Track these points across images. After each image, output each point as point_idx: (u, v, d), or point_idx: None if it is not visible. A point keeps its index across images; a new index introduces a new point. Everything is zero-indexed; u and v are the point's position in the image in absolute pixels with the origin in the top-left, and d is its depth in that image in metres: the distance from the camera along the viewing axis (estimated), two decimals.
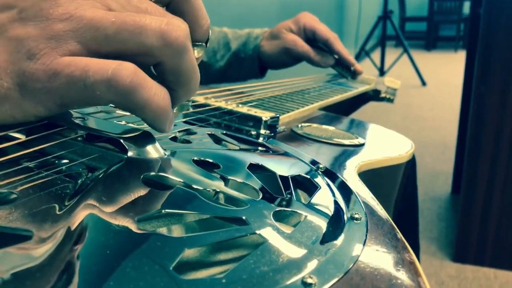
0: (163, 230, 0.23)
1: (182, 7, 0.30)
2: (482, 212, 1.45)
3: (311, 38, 0.79)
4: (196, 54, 0.31)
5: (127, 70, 0.25)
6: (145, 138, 0.28)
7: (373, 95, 0.91)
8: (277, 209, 0.25)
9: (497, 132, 1.39)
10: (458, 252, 1.50)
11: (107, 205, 0.22)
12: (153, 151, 0.28)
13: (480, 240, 1.46)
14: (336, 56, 0.82)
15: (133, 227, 0.21)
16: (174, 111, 0.30)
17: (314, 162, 0.36)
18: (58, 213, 0.22)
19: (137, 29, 0.25)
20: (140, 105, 0.26)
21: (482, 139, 1.41)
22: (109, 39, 0.25)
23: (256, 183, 0.28)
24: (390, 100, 0.94)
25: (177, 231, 0.24)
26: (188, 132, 0.38)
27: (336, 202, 0.28)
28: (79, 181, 0.25)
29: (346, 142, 0.44)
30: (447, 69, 4.67)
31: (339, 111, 0.76)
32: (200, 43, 0.32)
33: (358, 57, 3.84)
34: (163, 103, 0.26)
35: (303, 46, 0.78)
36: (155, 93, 0.26)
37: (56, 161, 0.27)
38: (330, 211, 0.27)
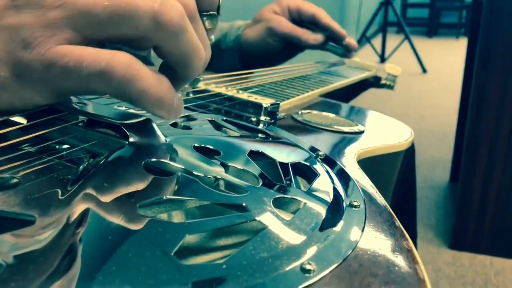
0: (164, 216, 0.23)
1: None
2: (480, 200, 1.46)
3: (297, 18, 0.75)
4: (206, 25, 0.30)
5: (120, 62, 0.24)
6: (146, 125, 0.28)
7: (374, 82, 0.91)
8: (277, 196, 0.25)
9: (496, 121, 1.39)
10: (455, 240, 1.51)
11: (109, 192, 0.22)
12: (154, 137, 0.28)
13: (477, 227, 1.47)
14: (326, 32, 0.76)
15: (134, 213, 0.21)
16: (186, 86, 0.29)
17: (313, 149, 0.36)
18: (60, 198, 0.22)
19: (129, 13, 0.25)
20: (135, 96, 0.25)
21: (481, 128, 1.41)
22: (102, 25, 0.25)
23: (256, 170, 0.28)
24: (390, 87, 0.94)
25: (178, 217, 0.24)
26: (189, 118, 0.38)
27: (335, 189, 0.29)
28: (81, 167, 0.25)
29: (346, 129, 0.44)
30: (448, 57, 4.65)
31: (339, 98, 0.76)
32: (211, 13, 0.30)
33: (359, 43, 3.82)
34: (161, 93, 0.26)
35: (287, 24, 0.72)
36: (151, 83, 0.25)
37: (57, 146, 0.27)
38: (329, 198, 0.27)
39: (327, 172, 0.31)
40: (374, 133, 0.45)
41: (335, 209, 0.26)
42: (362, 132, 0.45)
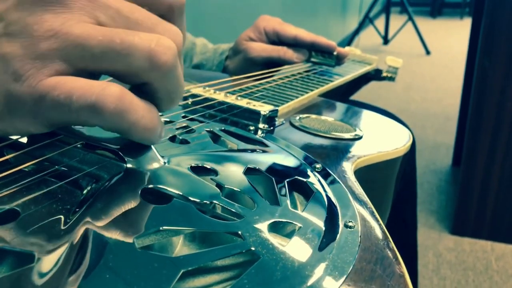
0: (160, 247, 0.24)
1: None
2: (482, 185, 1.46)
3: (276, 40, 0.72)
4: None
5: (111, 96, 0.24)
6: (143, 148, 0.29)
7: (375, 75, 0.91)
8: (272, 220, 0.26)
9: (499, 105, 1.39)
10: (457, 225, 1.52)
11: (106, 224, 0.23)
12: (151, 161, 0.28)
13: (479, 213, 1.48)
14: (312, 48, 0.73)
15: (131, 247, 0.21)
16: None
17: (311, 161, 0.36)
18: (59, 230, 0.22)
19: (124, 50, 0.24)
20: (126, 129, 0.25)
21: (484, 112, 1.41)
22: (95, 58, 0.25)
23: (252, 191, 0.29)
24: (391, 79, 0.94)
25: (175, 246, 0.25)
26: (187, 129, 0.38)
27: (331, 209, 0.29)
28: (81, 193, 0.26)
29: (344, 135, 0.44)
30: (452, 37, 4.61)
31: (340, 93, 0.75)
32: None
33: (362, 25, 3.78)
34: (151, 124, 0.26)
35: (265, 49, 0.70)
36: (142, 115, 0.25)
37: (56, 168, 0.28)
38: (325, 220, 0.28)
39: (324, 188, 0.32)
40: (372, 139, 0.46)
41: (330, 233, 0.27)
42: (360, 137, 0.45)
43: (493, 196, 1.46)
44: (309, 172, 0.34)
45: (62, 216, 0.23)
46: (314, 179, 0.33)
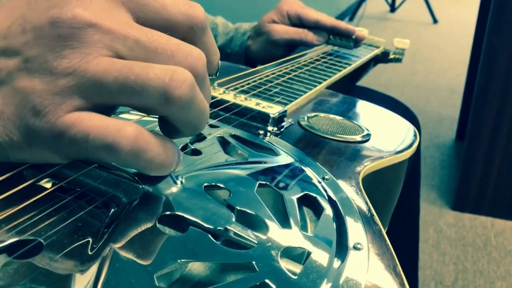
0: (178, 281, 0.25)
1: (195, 44, 0.28)
2: (484, 161, 1.47)
3: (298, 23, 0.76)
4: None
5: (126, 138, 0.25)
6: None
7: (382, 57, 0.90)
8: (284, 247, 0.27)
9: (505, 82, 1.38)
10: (458, 201, 1.53)
11: (125, 258, 0.24)
12: (167, 185, 0.29)
13: (480, 189, 1.49)
14: (331, 32, 0.77)
15: (150, 282, 0.22)
16: None
17: (320, 172, 0.37)
18: (83, 261, 0.23)
19: (139, 87, 0.25)
20: (141, 167, 0.26)
21: (490, 89, 1.40)
22: (112, 95, 0.25)
23: (264, 213, 0.29)
24: (398, 60, 0.93)
25: (192, 277, 0.26)
26: (198, 137, 0.38)
27: (340, 230, 0.30)
28: (105, 217, 0.26)
29: (352, 138, 0.45)
30: (461, 5, 4.51)
31: (348, 79, 0.75)
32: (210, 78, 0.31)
33: None
34: (166, 161, 0.27)
35: (288, 31, 0.74)
36: (157, 153, 0.26)
37: (77, 190, 0.28)
38: (334, 242, 0.29)
39: (333, 204, 0.32)
40: (379, 141, 0.46)
41: (340, 254, 0.28)
42: (367, 139, 0.45)
43: (495, 172, 1.47)
44: (318, 186, 0.35)
45: (82, 250, 0.24)
46: (323, 193, 0.34)
